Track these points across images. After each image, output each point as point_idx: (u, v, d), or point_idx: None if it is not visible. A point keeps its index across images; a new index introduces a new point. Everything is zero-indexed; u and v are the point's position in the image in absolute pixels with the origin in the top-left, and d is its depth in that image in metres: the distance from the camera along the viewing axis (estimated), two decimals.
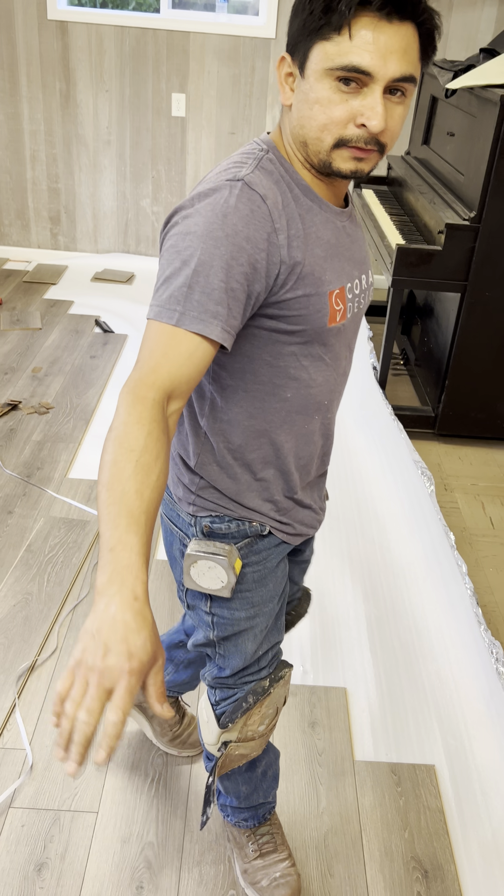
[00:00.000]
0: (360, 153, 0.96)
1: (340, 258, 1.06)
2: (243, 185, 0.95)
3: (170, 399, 0.92)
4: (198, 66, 4.29)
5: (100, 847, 1.56)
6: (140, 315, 4.08)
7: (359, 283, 1.11)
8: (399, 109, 0.95)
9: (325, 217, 1.04)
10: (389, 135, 0.96)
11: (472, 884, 1.54)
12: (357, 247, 1.11)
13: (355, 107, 0.92)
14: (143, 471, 0.85)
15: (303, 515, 1.24)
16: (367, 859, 1.57)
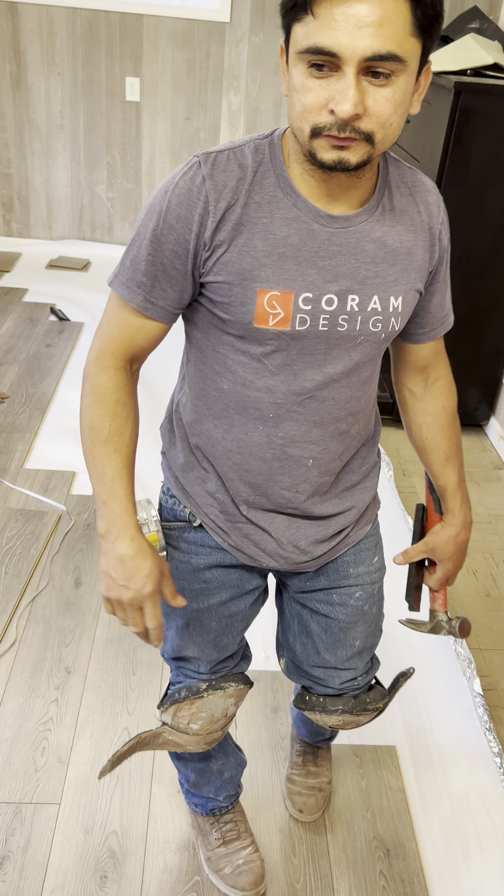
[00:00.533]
0: (337, 142, 0.86)
1: (300, 262, 0.96)
2: (196, 163, 0.95)
3: (131, 362, 1.05)
4: (152, 50, 4.23)
5: (62, 838, 1.55)
6: (97, 303, 4.03)
7: (334, 301, 0.98)
8: (384, 92, 0.84)
9: (293, 214, 0.95)
10: (375, 121, 0.85)
11: (434, 860, 1.57)
12: (348, 259, 0.97)
13: (329, 92, 0.84)
14: (117, 433, 1.02)
15: (257, 538, 1.14)
16: (329, 840, 1.59)
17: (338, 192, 0.96)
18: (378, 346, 1.05)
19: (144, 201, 4.63)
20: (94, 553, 2.29)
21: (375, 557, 1.25)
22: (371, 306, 1.00)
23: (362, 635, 1.26)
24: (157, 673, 1.92)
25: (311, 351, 1.01)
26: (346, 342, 1.02)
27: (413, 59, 0.85)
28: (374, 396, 1.15)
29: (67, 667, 1.91)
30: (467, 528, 1.25)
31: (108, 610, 1.05)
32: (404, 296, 1.03)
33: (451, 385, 1.23)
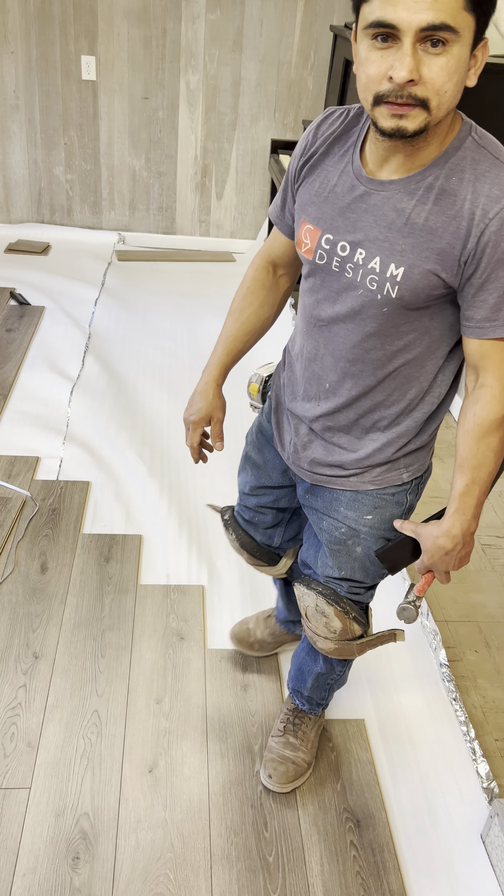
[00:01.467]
0: (396, 108, 0.97)
1: (334, 208, 1.14)
2: (322, 114, 1.20)
3: (274, 265, 1.40)
4: (107, 27, 4.16)
5: (34, 822, 1.54)
6: (57, 286, 3.97)
7: (350, 251, 1.13)
8: (440, 60, 0.94)
9: (347, 169, 1.14)
10: (431, 88, 0.95)
11: (403, 829, 1.60)
12: (368, 218, 1.10)
13: (389, 62, 0.95)
14: (239, 308, 1.40)
15: (284, 428, 1.42)
16: (301, 813, 1.60)
17: (391, 158, 1.08)
18: (378, 307, 1.14)
19: (104, 183, 4.57)
20: (60, 538, 2.28)
21: (370, 516, 1.34)
22: (371, 265, 1.12)
23: (345, 566, 1.39)
24: (125, 655, 1.91)
25: (328, 286, 1.19)
26: (351, 289, 1.16)
27: (466, 32, 0.95)
28: (406, 376, 1.22)
29: (35, 651, 1.90)
30: (450, 538, 1.23)
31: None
32: (408, 268, 1.09)
33: (495, 399, 1.15)
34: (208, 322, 3.76)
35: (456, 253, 1.06)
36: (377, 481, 1.32)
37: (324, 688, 1.63)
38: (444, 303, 1.15)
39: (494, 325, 1.11)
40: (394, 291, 1.11)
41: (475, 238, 1.04)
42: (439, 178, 1.06)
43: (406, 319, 1.15)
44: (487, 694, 1.93)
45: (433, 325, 1.17)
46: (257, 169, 4.58)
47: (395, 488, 1.33)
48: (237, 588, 2.16)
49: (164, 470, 2.62)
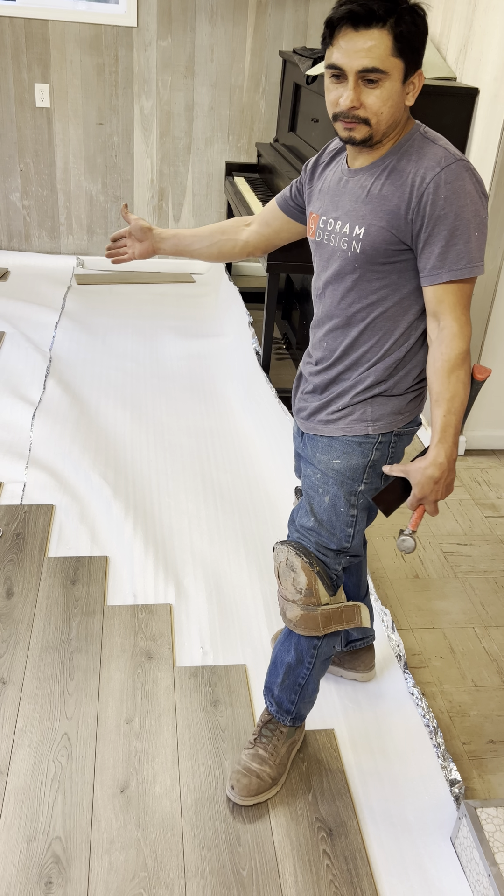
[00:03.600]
0: (346, 124, 1.34)
1: (328, 197, 1.47)
2: (330, 141, 1.56)
3: (248, 222, 1.73)
4: (59, 56, 4.20)
5: (4, 848, 1.53)
6: (17, 311, 3.97)
7: (333, 223, 1.44)
8: (375, 92, 1.30)
9: (335, 170, 1.48)
10: (370, 111, 1.31)
11: (375, 834, 1.61)
12: (346, 197, 1.42)
13: (340, 92, 1.32)
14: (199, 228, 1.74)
15: (296, 391, 1.65)
16: (273, 825, 1.61)
17: (359, 156, 1.41)
18: (351, 264, 1.42)
19: (61, 208, 4.59)
20: (25, 563, 2.27)
21: (338, 461, 1.52)
22: (343, 230, 1.42)
23: (315, 512, 1.54)
24: (94, 676, 1.91)
25: (322, 257, 1.49)
26: (334, 254, 1.45)
27: (395, 71, 1.29)
28: (382, 328, 1.45)
29: (3, 677, 1.89)
30: (437, 465, 1.40)
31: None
32: (367, 227, 1.38)
33: (456, 337, 1.37)
34: (169, 342, 3.79)
35: (402, 212, 1.35)
36: (347, 428, 1.52)
37: (293, 688, 1.64)
38: (408, 262, 1.39)
39: (441, 271, 1.35)
40: (358, 247, 1.40)
41: (416, 199, 1.33)
42: (392, 161, 1.37)
43: (375, 275, 1.41)
44: (453, 699, 1.96)
45: (401, 282, 1.41)
46: (213, 191, 4.64)
47: (363, 439, 1.51)
48: (205, 605, 2.17)
49: (128, 490, 2.63)
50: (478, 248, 1.34)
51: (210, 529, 2.49)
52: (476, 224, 1.33)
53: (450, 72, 2.88)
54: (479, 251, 1.35)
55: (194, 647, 2.03)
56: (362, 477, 1.52)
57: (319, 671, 1.64)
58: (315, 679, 1.64)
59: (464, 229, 1.32)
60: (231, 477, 2.78)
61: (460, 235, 1.33)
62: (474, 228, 1.33)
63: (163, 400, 3.27)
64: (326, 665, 1.65)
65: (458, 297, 1.36)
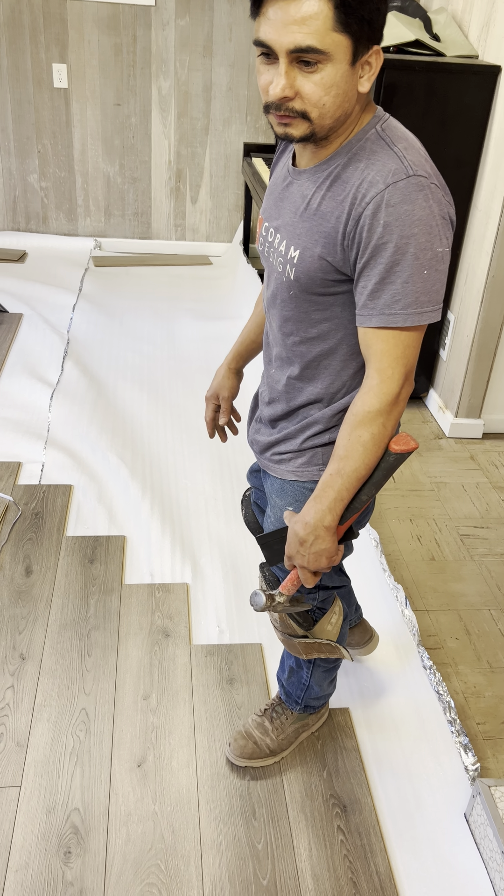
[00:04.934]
0: (281, 118, 1.05)
1: (272, 198, 1.23)
2: None
3: None
4: (77, 35, 4.18)
5: (25, 819, 1.56)
6: (35, 293, 3.98)
7: (273, 234, 1.21)
8: (314, 77, 1.00)
9: (283, 164, 1.23)
10: (308, 102, 1.02)
11: (388, 811, 1.63)
12: (287, 205, 1.17)
13: (271, 76, 1.02)
14: (255, 308, 1.52)
15: (254, 412, 1.48)
16: (288, 801, 1.63)
17: (304, 151, 1.15)
18: (286, 290, 1.20)
19: (78, 189, 4.59)
20: (43, 541, 2.29)
21: (291, 507, 1.36)
22: (280, 247, 1.19)
23: (275, 557, 1.37)
24: (111, 653, 1.94)
25: (267, 272, 1.27)
26: (273, 273, 1.23)
27: (339, 51, 0.98)
28: (326, 367, 1.24)
29: (22, 653, 1.92)
30: (302, 524, 1.21)
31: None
32: (302, 251, 1.14)
33: (371, 391, 1.12)
34: (185, 325, 3.79)
35: (338, 237, 1.09)
36: (298, 473, 1.33)
37: (298, 686, 1.64)
38: (352, 294, 1.14)
39: (371, 312, 1.09)
40: (292, 273, 1.16)
41: (353, 221, 1.06)
42: (339, 166, 1.10)
43: (315, 307, 1.18)
44: (468, 680, 1.97)
45: (346, 316, 1.17)
46: (231, 172, 4.62)
47: (313, 485, 1.32)
48: (221, 585, 2.19)
49: (145, 471, 2.65)
50: (424, 290, 1.06)
51: (226, 510, 2.50)
52: (427, 260, 1.04)
53: (472, 49, 2.84)
54: (428, 294, 1.06)
55: (210, 625, 2.05)
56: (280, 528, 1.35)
57: (321, 678, 1.64)
58: (318, 683, 1.64)
59: (405, 266, 1.04)
60: (247, 459, 2.78)
61: (399, 273, 1.04)
62: (422, 266, 1.04)
63: (179, 382, 3.28)
64: (330, 672, 1.64)
65: (388, 346, 1.09)
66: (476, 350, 2.88)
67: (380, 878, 1.50)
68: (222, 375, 1.57)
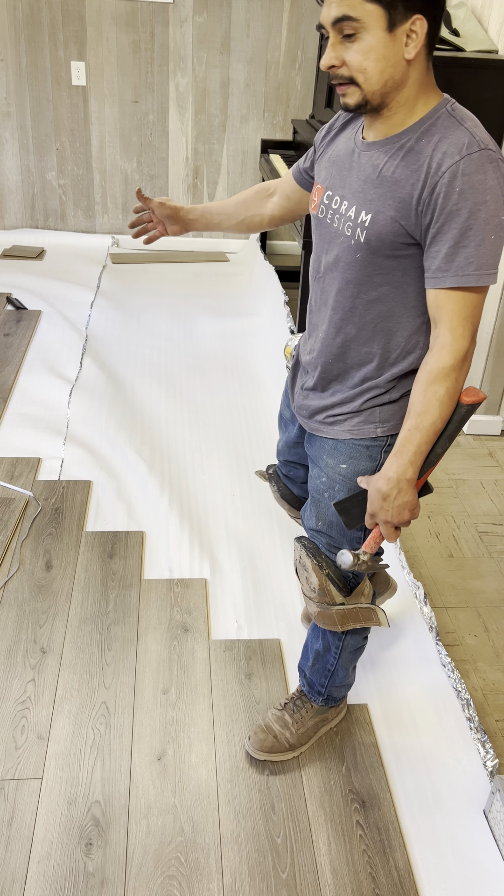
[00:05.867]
0: (339, 89, 1.20)
1: (336, 169, 1.32)
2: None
3: (270, 192, 1.61)
4: (96, 33, 4.20)
5: (46, 811, 1.58)
6: (53, 290, 4.01)
7: (339, 202, 1.30)
8: (354, 46, 1.14)
9: (348, 138, 1.32)
10: (353, 68, 1.16)
11: (407, 807, 1.63)
12: (355, 174, 1.28)
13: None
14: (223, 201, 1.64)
15: (295, 381, 1.54)
16: (307, 796, 1.64)
17: (372, 125, 1.25)
18: (352, 253, 1.28)
19: (96, 187, 4.61)
20: (63, 536, 2.31)
21: (345, 465, 1.43)
22: (349, 213, 1.27)
23: (321, 517, 1.49)
24: (131, 648, 1.95)
25: (323, 237, 1.34)
26: (336, 237, 1.30)
27: (373, 19, 1.12)
28: (385, 330, 1.32)
29: (43, 647, 1.94)
30: (385, 479, 1.29)
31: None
32: (374, 215, 1.23)
33: (444, 348, 1.22)
34: (203, 321, 3.80)
35: (413, 202, 1.19)
36: (354, 431, 1.41)
37: (323, 673, 1.67)
38: (416, 259, 1.24)
39: (446, 275, 1.19)
40: (362, 236, 1.25)
41: (429, 189, 1.17)
42: (411, 139, 1.20)
43: (378, 270, 1.27)
44: (487, 676, 1.96)
45: (406, 280, 1.26)
46: (248, 169, 4.62)
47: (370, 441, 1.41)
48: (239, 580, 2.20)
49: (164, 467, 2.66)
50: (492, 253, 1.17)
51: (244, 507, 2.51)
52: (494, 226, 1.15)
53: (491, 44, 2.83)
54: (494, 257, 1.18)
55: (229, 620, 2.06)
56: (356, 491, 1.43)
57: (348, 660, 1.65)
58: (344, 667, 1.66)
59: (478, 230, 1.15)
60: (265, 455, 2.79)
61: (472, 237, 1.15)
62: (490, 231, 1.15)
63: (197, 378, 3.29)
64: (356, 655, 1.66)
65: (459, 306, 1.20)
66: (495, 347, 2.87)
67: (399, 874, 1.51)
68: (181, 214, 1.62)
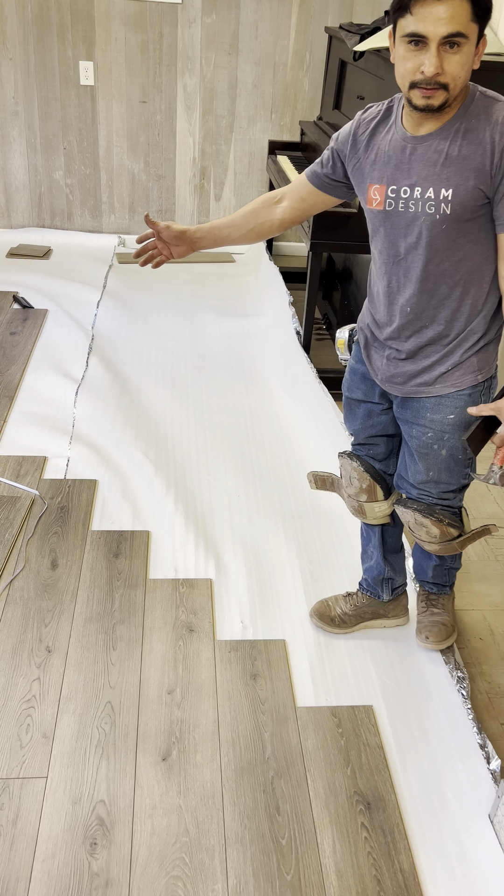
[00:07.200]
0: (426, 92, 1.36)
1: (390, 167, 1.50)
2: (361, 110, 1.60)
3: (279, 199, 1.75)
4: (104, 33, 4.20)
5: (51, 810, 1.58)
6: (59, 289, 4.01)
7: (409, 191, 1.48)
8: (456, 57, 1.33)
9: (391, 138, 1.50)
10: (450, 76, 1.34)
11: (413, 810, 1.63)
12: (418, 164, 1.46)
13: (420, 60, 1.34)
14: (228, 216, 1.77)
15: (374, 358, 1.71)
16: (312, 797, 1.64)
17: (424, 122, 1.45)
18: (438, 226, 1.47)
19: (103, 186, 4.61)
20: (69, 535, 2.31)
21: (452, 416, 1.63)
22: (427, 195, 1.46)
23: (432, 468, 1.69)
24: (136, 647, 1.95)
25: (398, 225, 1.52)
26: (416, 220, 1.49)
27: (473, 35, 1.34)
28: (471, 283, 1.53)
29: (48, 646, 1.94)
30: None
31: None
32: (455, 188, 1.44)
33: None
34: (209, 322, 3.80)
35: (487, 167, 1.41)
36: (457, 384, 1.61)
37: (443, 574, 1.96)
38: (487, 214, 1.47)
39: None
40: (448, 209, 1.45)
41: (498, 154, 1.40)
42: (463, 123, 1.42)
43: (461, 233, 1.48)
44: (493, 680, 1.96)
45: (482, 235, 1.49)
46: (255, 170, 4.63)
47: (472, 389, 1.61)
48: (244, 581, 2.20)
49: (169, 467, 2.66)
50: None
51: (249, 507, 2.51)
52: None
53: (501, 47, 2.82)
54: None
55: (234, 621, 2.06)
56: (475, 422, 1.63)
57: (457, 555, 1.93)
58: (458, 558, 1.96)
59: None
60: (270, 456, 2.79)
61: None
62: None
63: (203, 379, 3.29)
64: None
65: None
66: None
67: (404, 876, 1.50)
68: (188, 235, 1.72)
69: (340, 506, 2.52)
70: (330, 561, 2.30)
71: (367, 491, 1.85)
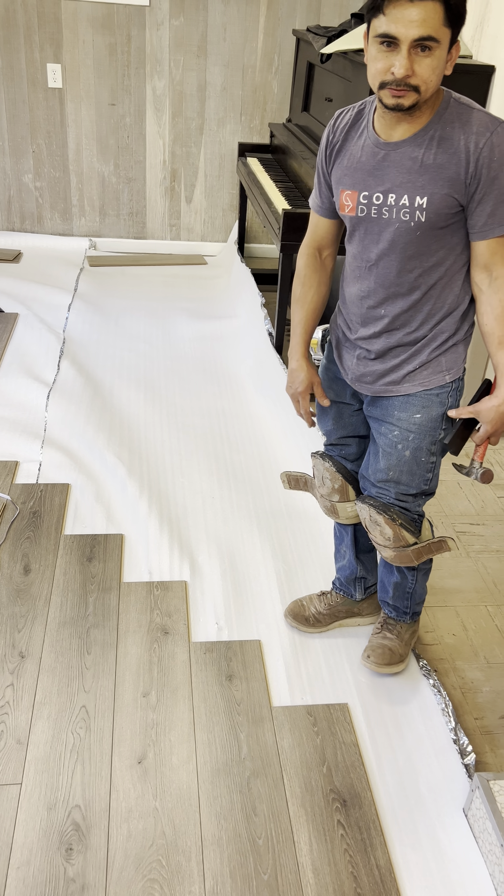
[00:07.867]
0: (395, 92, 1.37)
1: (362, 172, 1.51)
2: (332, 118, 1.60)
3: (319, 250, 1.73)
4: (72, 35, 4.18)
5: (26, 816, 1.56)
6: (30, 293, 3.98)
7: (382, 197, 1.49)
8: (427, 60, 1.34)
9: (363, 143, 1.51)
10: (420, 79, 1.35)
11: (388, 806, 1.64)
12: (392, 170, 1.47)
13: (391, 61, 1.34)
14: (303, 295, 1.75)
15: (345, 357, 1.73)
16: (288, 796, 1.64)
17: (398, 126, 1.45)
18: (412, 233, 1.48)
19: (73, 189, 4.59)
20: (42, 540, 2.30)
21: (419, 415, 1.64)
22: (402, 202, 1.47)
23: (394, 467, 1.70)
24: (111, 651, 1.94)
25: (371, 231, 1.54)
26: (389, 227, 1.50)
27: (445, 40, 1.34)
28: (442, 286, 1.55)
29: (21, 651, 1.92)
30: (497, 398, 1.53)
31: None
32: (430, 196, 1.44)
33: None
34: (181, 324, 3.79)
35: (462, 177, 1.42)
36: (425, 383, 1.63)
37: (404, 596, 1.91)
38: (460, 221, 1.48)
39: (493, 226, 1.46)
40: (423, 216, 1.46)
41: (473, 164, 1.41)
42: (437, 130, 1.43)
43: (433, 239, 1.49)
44: (466, 675, 1.98)
45: (455, 240, 1.50)
46: (226, 172, 4.63)
47: (440, 389, 1.63)
48: (219, 582, 2.20)
49: (142, 470, 2.65)
50: None
51: (224, 509, 2.51)
52: None
53: (465, 49, 2.86)
54: None
55: (209, 622, 2.06)
56: (441, 424, 1.65)
57: (423, 579, 1.90)
58: (421, 585, 1.91)
59: None
60: (244, 457, 2.79)
61: None
62: None
63: (176, 381, 3.28)
64: (427, 575, 1.90)
65: None
66: (470, 351, 2.90)
67: (380, 872, 1.51)
68: (307, 368, 1.75)
69: (314, 506, 2.53)
70: (304, 561, 2.31)
71: (339, 491, 1.85)
